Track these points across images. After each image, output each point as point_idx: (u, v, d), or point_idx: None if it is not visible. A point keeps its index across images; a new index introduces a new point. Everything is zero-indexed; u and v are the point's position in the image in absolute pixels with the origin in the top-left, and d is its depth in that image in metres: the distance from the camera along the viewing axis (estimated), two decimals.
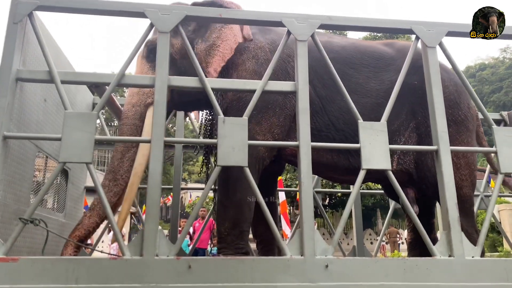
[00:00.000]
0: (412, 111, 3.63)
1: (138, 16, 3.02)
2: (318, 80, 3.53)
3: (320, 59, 3.20)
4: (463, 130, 3.58)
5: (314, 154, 2.78)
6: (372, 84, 3.60)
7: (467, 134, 3.60)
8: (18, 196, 3.00)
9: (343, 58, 3.61)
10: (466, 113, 3.63)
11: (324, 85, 3.53)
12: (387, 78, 3.59)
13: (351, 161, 3.55)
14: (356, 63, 3.64)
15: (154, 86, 2.84)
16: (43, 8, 2.96)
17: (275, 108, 3.43)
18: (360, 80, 3.60)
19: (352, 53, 3.71)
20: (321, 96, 3.54)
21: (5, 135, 2.65)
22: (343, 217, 2.82)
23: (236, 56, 3.62)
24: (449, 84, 3.63)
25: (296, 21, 3.08)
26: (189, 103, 3.83)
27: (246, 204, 3.31)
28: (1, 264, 2.39)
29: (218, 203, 3.46)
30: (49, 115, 3.57)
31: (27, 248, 3.18)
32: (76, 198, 4.59)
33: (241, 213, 3.30)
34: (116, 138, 4.31)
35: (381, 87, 3.56)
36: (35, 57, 3.16)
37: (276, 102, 3.45)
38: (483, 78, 41.71)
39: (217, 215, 3.51)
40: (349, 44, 3.82)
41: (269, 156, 3.51)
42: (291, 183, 15.63)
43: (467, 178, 3.54)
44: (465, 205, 3.47)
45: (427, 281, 2.62)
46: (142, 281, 2.43)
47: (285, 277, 2.53)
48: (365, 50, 3.77)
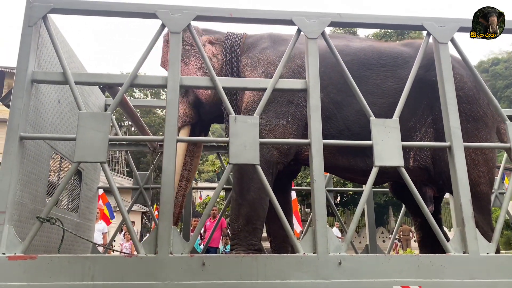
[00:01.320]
0: (429, 106, 3.58)
1: (150, 17, 3.05)
2: (333, 86, 3.53)
3: (335, 65, 3.24)
4: (482, 127, 3.53)
5: (330, 158, 2.80)
6: (389, 84, 3.58)
7: (486, 130, 3.55)
8: (34, 196, 3.05)
9: (360, 60, 3.61)
10: (485, 109, 3.57)
11: (340, 90, 3.53)
12: (405, 76, 3.54)
13: (368, 162, 3.51)
14: (374, 64, 3.64)
15: (166, 86, 2.87)
16: (57, 11, 3.01)
17: (288, 118, 3.47)
18: (377, 81, 3.58)
19: (370, 54, 3.70)
20: (336, 101, 3.54)
21: (22, 136, 2.70)
22: (356, 215, 2.82)
23: (247, 71, 3.70)
24: (467, 80, 3.59)
25: (306, 19, 3.08)
26: (214, 119, 4.13)
27: (260, 203, 3.34)
28: (20, 261, 2.44)
29: (233, 200, 3.50)
30: (63, 117, 3.62)
31: (43, 247, 3.23)
32: (90, 199, 4.66)
33: (254, 210, 3.33)
34: (129, 137, 4.37)
35: (399, 85, 3.51)
36: (49, 59, 3.21)
37: (288, 112, 3.49)
38: (497, 73, 41.07)
39: (231, 212, 3.55)
40: (367, 46, 3.81)
41: (283, 161, 3.54)
42: (301, 182, 15.58)
43: (485, 175, 3.49)
44: (482, 203, 3.42)
45: (441, 278, 2.60)
46: (157, 279, 2.46)
47: (298, 274, 2.54)
48: (384, 50, 3.76)
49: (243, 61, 3.78)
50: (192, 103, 3.87)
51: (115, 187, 2.78)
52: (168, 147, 2.73)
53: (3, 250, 2.47)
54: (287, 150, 3.49)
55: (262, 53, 3.73)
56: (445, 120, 3.02)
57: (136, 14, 3.09)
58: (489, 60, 45.39)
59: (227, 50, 3.85)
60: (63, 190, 2.84)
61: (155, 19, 3.02)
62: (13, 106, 2.72)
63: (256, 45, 3.84)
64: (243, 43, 3.91)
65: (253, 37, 4.01)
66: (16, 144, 2.66)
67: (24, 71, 2.79)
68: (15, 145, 2.66)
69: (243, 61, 3.78)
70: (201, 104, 3.90)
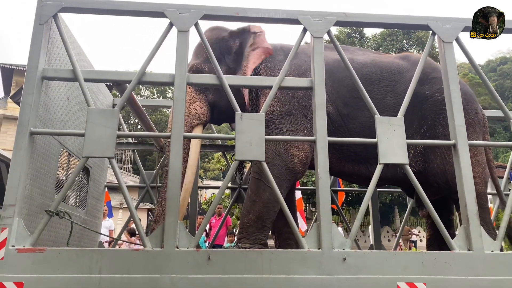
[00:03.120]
0: (423, 117, 3.82)
1: (158, 16, 3.10)
2: (340, 100, 3.74)
3: (342, 80, 3.42)
4: (471, 132, 3.68)
5: (337, 165, 2.95)
6: (389, 98, 3.78)
7: (474, 135, 3.77)
8: (43, 191, 3.11)
9: (363, 75, 3.71)
10: (473, 117, 3.83)
11: (346, 103, 3.73)
12: (402, 90, 3.71)
13: (370, 169, 3.69)
14: (376, 79, 3.85)
15: (173, 83, 2.91)
16: (67, 10, 3.06)
17: (304, 130, 3.60)
18: (379, 95, 3.76)
19: (372, 69, 3.88)
20: (343, 114, 3.75)
21: (32, 131, 2.76)
22: (360, 212, 2.84)
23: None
24: None
25: (312, 18, 3.11)
26: (227, 119, 4.23)
27: (273, 204, 3.40)
28: (29, 254, 2.49)
29: (247, 197, 3.58)
30: (72, 114, 3.68)
31: (51, 241, 3.28)
32: (97, 196, 4.71)
33: (266, 210, 3.40)
34: (136, 133, 4.43)
35: (397, 100, 3.67)
36: (59, 57, 3.27)
37: (304, 125, 3.61)
38: (504, 72, 40.64)
39: (243, 207, 3.63)
40: (369, 61, 3.96)
41: (303, 171, 3.65)
42: (306, 180, 15.57)
43: (480, 175, 3.67)
44: (480, 201, 3.48)
45: (445, 275, 2.62)
46: (163, 272, 2.50)
47: (302, 269, 2.57)
48: (384, 66, 3.94)
49: (262, 70, 3.85)
50: (211, 102, 3.91)
51: (123, 183, 2.82)
52: (175, 143, 2.77)
53: (12, 243, 2.52)
54: (305, 159, 3.59)
55: (278, 66, 3.77)
56: (450, 119, 3.03)
57: (144, 13, 3.13)
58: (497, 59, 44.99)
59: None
60: (71, 185, 2.88)
61: (163, 18, 3.06)
62: (24, 102, 2.77)
63: (273, 56, 3.89)
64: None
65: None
66: (26, 139, 2.72)
67: (34, 68, 2.84)
68: (25, 140, 2.71)
69: (262, 70, 3.85)
70: (218, 103, 3.94)
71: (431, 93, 3.83)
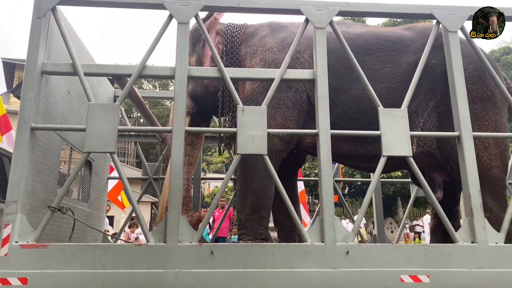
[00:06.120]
0: (431, 90, 3.51)
1: (158, 8, 3.06)
2: (330, 72, 3.41)
3: (333, 50, 3.20)
4: (490, 107, 3.41)
5: (332, 146, 2.79)
6: (388, 69, 3.54)
7: (495, 111, 3.42)
8: (46, 186, 3.10)
9: (358, 46, 3.56)
10: (493, 89, 3.43)
11: (337, 75, 3.46)
12: (404, 60, 3.52)
13: (369, 149, 3.51)
14: (372, 49, 3.60)
15: (174, 77, 2.88)
16: (66, 2, 3.03)
17: (288, 104, 3.44)
18: (375, 66, 3.54)
19: (368, 39, 3.66)
20: (333, 87, 3.42)
21: (33, 127, 2.74)
22: (364, 204, 2.83)
23: (246, 60, 3.68)
24: (471, 60, 3.46)
25: (314, 8, 3.06)
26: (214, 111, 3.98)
27: (264, 191, 3.35)
28: (32, 250, 2.49)
29: (238, 191, 3.52)
30: (73, 108, 3.66)
31: (54, 236, 3.29)
32: (100, 189, 4.71)
33: (259, 200, 3.35)
34: (138, 128, 4.40)
35: (397, 70, 3.49)
36: (58, 51, 3.24)
37: (288, 97, 3.45)
38: (508, 62, 40.27)
39: (237, 203, 3.57)
40: (366, 31, 3.76)
41: (286, 148, 3.52)
42: (309, 172, 15.57)
43: (497, 158, 3.34)
44: (495, 187, 3.30)
45: (449, 267, 2.61)
46: (166, 267, 2.50)
47: (305, 263, 2.56)
48: (382, 35, 3.71)
49: (242, 50, 3.75)
50: (191, 93, 3.85)
51: (125, 177, 2.81)
52: (177, 137, 2.75)
53: (16, 239, 2.52)
54: (288, 137, 3.45)
55: (260, 41, 3.71)
56: (454, 110, 3.00)
57: (144, 5, 3.10)
58: (500, 49, 44.56)
59: (227, 40, 3.84)
60: (74, 179, 2.87)
61: (163, 9, 3.02)
62: (24, 97, 2.76)
63: (255, 34, 3.82)
64: (243, 33, 3.90)
65: (253, 26, 4.00)
66: (27, 135, 2.70)
67: (34, 62, 2.82)
68: (26, 136, 2.70)
69: (242, 50, 3.76)
70: (200, 95, 3.89)
71: (438, 62, 3.40)
